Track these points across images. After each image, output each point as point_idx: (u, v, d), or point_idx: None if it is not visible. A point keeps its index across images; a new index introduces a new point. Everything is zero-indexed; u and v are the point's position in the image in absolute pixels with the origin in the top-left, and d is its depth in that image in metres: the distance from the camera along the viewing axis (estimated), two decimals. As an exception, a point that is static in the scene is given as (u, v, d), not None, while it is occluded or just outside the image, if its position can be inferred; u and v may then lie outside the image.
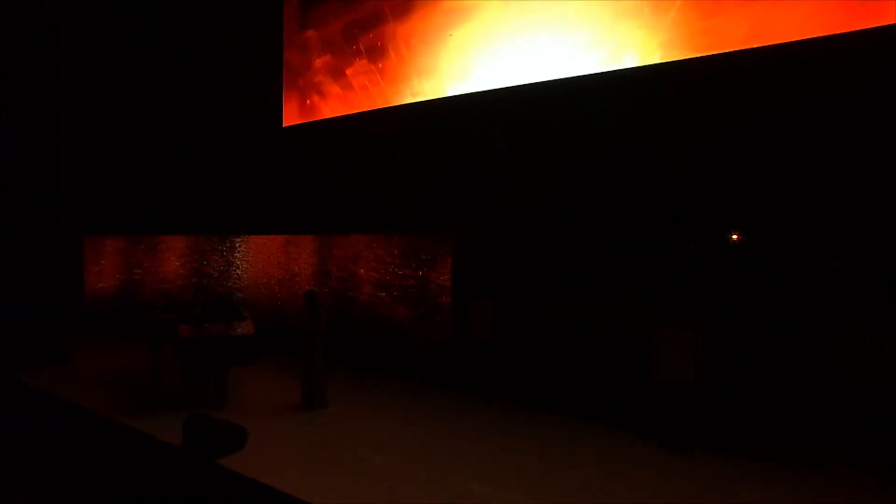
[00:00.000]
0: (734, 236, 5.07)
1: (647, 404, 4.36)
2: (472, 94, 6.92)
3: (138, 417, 4.91)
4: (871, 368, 4.38)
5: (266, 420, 4.83)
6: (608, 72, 5.88)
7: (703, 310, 4.46)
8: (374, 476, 3.74)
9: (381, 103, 7.80)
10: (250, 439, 4.24)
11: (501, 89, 6.68)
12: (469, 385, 5.85)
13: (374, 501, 3.37)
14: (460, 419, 4.93)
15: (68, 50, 9.36)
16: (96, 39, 9.69)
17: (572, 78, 6.16)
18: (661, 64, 5.65)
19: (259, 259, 8.33)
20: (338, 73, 8.33)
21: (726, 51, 5.29)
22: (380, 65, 7.89)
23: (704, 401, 4.19)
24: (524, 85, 6.51)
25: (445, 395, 5.65)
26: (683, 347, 4.13)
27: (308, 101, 8.69)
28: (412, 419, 4.95)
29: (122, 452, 4.58)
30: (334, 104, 8.39)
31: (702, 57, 5.44)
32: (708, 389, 4.19)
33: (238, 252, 8.55)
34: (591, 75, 6.03)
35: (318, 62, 8.59)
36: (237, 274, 8.54)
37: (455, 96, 7.09)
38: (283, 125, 8.74)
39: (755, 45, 5.09)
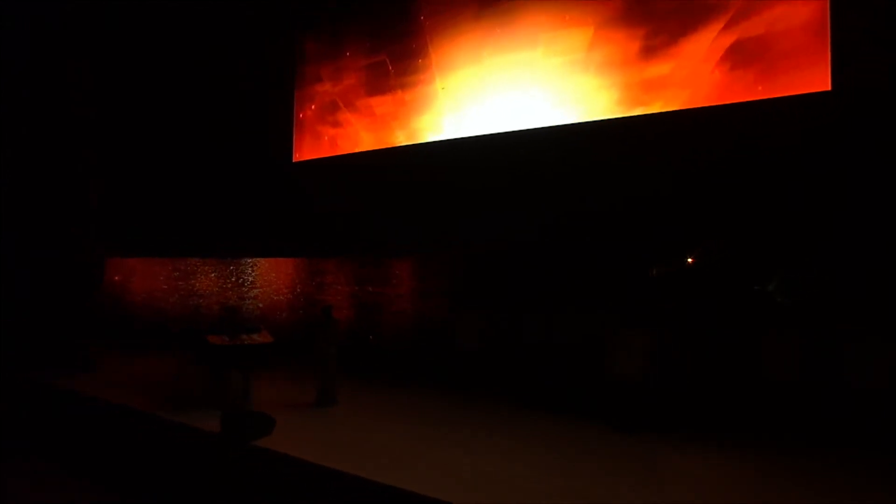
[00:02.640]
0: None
1: (604, 396, 5.32)
2: (454, 139, 8.07)
3: (174, 413, 5.70)
4: (793, 368, 5.40)
5: (286, 414, 5.60)
6: (572, 123, 7.07)
7: (649, 319, 5.47)
8: (382, 451, 4.60)
9: (379, 145, 8.93)
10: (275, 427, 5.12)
11: (482, 136, 7.84)
12: (460, 386, 6.75)
13: (382, 466, 4.22)
14: (451, 413, 5.84)
15: (95, 93, 10.21)
16: (125, 88, 10.67)
17: (546, 128, 7.34)
18: (616, 118, 6.86)
19: (278, 279, 9.20)
20: (341, 119, 9.46)
21: (667, 110, 6.54)
22: (379, 110, 9.05)
23: (649, 392, 5.16)
24: (504, 132, 7.68)
25: (440, 395, 6.55)
26: (631, 349, 5.13)
27: (315, 141, 9.80)
28: (411, 413, 5.84)
29: (168, 441, 5.36)
30: (341, 144, 9.49)
31: (648, 114, 6.67)
32: (652, 383, 5.17)
33: (256, 273, 9.42)
34: (560, 126, 7.22)
35: (324, 109, 9.74)
36: (256, 292, 9.38)
37: (441, 141, 8.24)
38: (294, 160, 9.82)
39: (688, 107, 6.34)
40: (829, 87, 5.36)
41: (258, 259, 9.44)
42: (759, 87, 5.87)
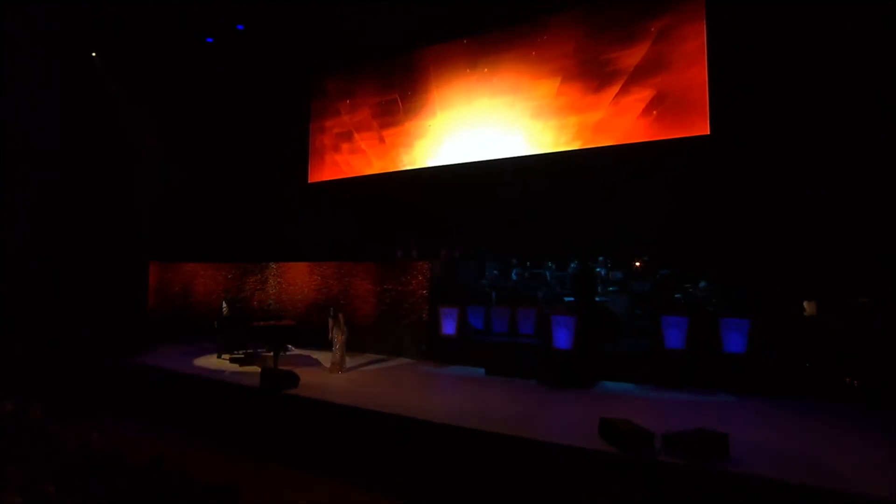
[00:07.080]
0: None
1: (544, 362, 7.14)
2: (439, 166, 10.00)
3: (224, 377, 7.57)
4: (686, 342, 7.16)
5: (307, 375, 7.38)
6: (527, 155, 9.00)
7: (575, 309, 7.28)
8: (379, 395, 6.41)
9: (379, 169, 10.90)
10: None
11: (461, 164, 9.77)
12: (441, 360, 8.57)
13: (379, 403, 6.01)
14: (432, 375, 7.67)
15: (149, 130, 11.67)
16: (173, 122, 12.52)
17: (513, 158, 9.26)
18: (564, 151, 8.77)
19: (301, 280, 10.91)
20: (348, 148, 11.45)
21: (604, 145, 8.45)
22: (378, 141, 11.01)
23: (575, 360, 6.96)
24: (479, 161, 9.60)
25: (425, 366, 8.39)
26: (564, 329, 6.95)
27: (327, 166, 11.80)
28: (401, 376, 7.69)
29: (222, 392, 7.23)
30: (345, 169, 11.47)
31: (593, 147, 8.57)
32: (578, 354, 6.97)
33: (282, 276, 11.12)
34: (518, 157, 9.15)
35: (335, 140, 11.75)
36: (284, 291, 11.01)
37: (427, 168, 10.18)
38: (308, 181, 11.80)
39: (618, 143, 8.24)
40: (708, 132, 7.25)
41: (280, 264, 11.19)
42: (664, 130, 7.77)
